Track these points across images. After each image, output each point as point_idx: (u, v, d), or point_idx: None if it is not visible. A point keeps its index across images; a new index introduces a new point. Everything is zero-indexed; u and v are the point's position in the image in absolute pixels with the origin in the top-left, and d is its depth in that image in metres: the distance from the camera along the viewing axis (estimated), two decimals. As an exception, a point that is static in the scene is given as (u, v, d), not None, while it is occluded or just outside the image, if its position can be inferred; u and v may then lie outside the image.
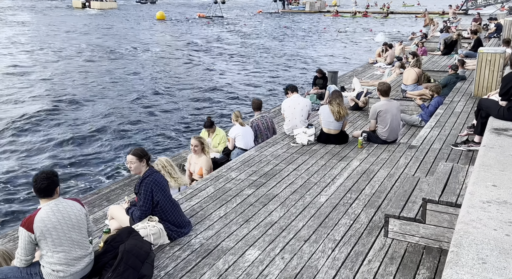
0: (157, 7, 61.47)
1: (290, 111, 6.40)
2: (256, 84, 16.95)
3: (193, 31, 34.50)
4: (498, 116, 4.97)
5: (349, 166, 5.32)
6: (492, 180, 3.36)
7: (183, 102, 14.07)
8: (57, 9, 53.21)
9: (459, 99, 8.53)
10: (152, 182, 3.26)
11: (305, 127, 6.22)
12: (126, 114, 12.57)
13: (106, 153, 9.63)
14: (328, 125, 6.06)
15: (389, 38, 28.91)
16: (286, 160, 5.45)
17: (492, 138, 4.35)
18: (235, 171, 4.99)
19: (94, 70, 18.98)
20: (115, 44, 26.73)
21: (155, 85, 16.36)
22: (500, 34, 17.02)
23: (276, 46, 27.09)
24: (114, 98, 14.46)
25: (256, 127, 6.69)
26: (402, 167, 5.29)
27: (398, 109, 6.13)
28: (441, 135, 6.44)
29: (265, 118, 6.82)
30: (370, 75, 15.21)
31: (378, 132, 6.12)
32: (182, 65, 20.50)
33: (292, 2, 59.34)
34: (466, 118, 7.16)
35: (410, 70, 10.55)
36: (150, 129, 11.28)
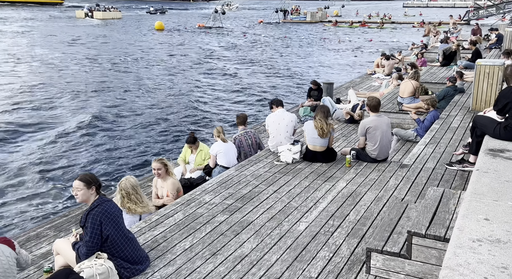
0: (166, 17, 61.93)
1: (275, 127, 6.06)
2: (250, 96, 16.58)
3: (190, 41, 34.29)
4: (494, 135, 4.61)
5: (335, 188, 4.95)
6: (485, 212, 2.99)
7: (173, 115, 13.57)
8: (58, 19, 53.45)
9: (456, 113, 8.17)
10: (101, 213, 2.91)
11: (290, 144, 5.87)
12: (103, 128, 11.92)
13: (67, 172, 8.75)
14: (313, 142, 5.70)
15: (388, 48, 28.70)
16: (267, 181, 5.09)
17: (486, 161, 3.98)
18: (210, 194, 4.63)
19: (76, 80, 18.51)
20: (104, 54, 26.38)
21: (143, 97, 15.88)
22: (501, 45, 16.71)
23: (274, 57, 26.88)
24: (91, 109, 14.01)
25: (239, 144, 6.35)
26: (392, 189, 4.92)
27: (389, 125, 5.78)
28: (435, 153, 6.07)
29: (249, 134, 6.48)
30: (367, 87, 14.91)
31: (367, 150, 5.76)
32: (174, 76, 20.00)
33: (293, 12, 59.44)
34: (463, 135, 6.79)
35: (407, 83, 10.22)
36: (129, 146, 10.52)
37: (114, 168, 8.88)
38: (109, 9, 58.64)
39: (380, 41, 34.19)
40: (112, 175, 8.56)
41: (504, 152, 4.22)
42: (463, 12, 47.99)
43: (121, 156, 9.62)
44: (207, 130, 11.97)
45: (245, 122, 6.48)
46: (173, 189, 4.67)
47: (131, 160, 9.41)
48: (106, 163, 9.18)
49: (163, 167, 4.66)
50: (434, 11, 78.53)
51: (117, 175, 8.42)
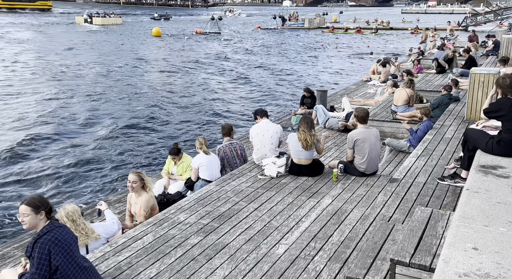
0: (166, 23, 61.89)
1: (259, 138, 5.81)
2: (242, 103, 16.32)
3: (186, 48, 34.06)
4: (486, 150, 4.35)
5: (319, 204, 4.68)
6: (473, 240, 2.73)
7: (165, 125, 13.20)
8: (57, 25, 53.40)
9: (450, 123, 7.92)
10: (50, 240, 2.64)
11: (275, 156, 5.62)
12: (90, 138, 11.61)
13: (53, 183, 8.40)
14: (298, 155, 5.45)
15: (384, 54, 28.53)
16: (248, 197, 4.82)
17: (477, 179, 3.72)
18: (186, 212, 4.36)
19: (65, 87, 18.22)
20: (95, 60, 26.10)
21: (133, 105, 15.52)
22: (498, 51, 16.53)
23: (270, 63, 26.68)
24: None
25: (223, 155, 6.10)
26: (379, 206, 4.65)
27: (377, 137, 5.53)
28: (427, 166, 5.81)
29: (234, 145, 6.23)
30: (363, 94, 14.69)
31: (355, 163, 5.50)
32: (166, 84, 19.62)
33: (291, 18, 59.50)
34: (456, 146, 6.54)
35: (402, 91, 10.00)
36: (116, 156, 10.13)
37: (96, 182, 8.58)
38: (109, 15, 58.89)
39: (377, 47, 34.09)
40: (93, 188, 8.28)
41: (496, 168, 3.96)
42: (461, 18, 48.04)
43: (106, 168, 9.31)
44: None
45: (231, 133, 6.23)
46: (147, 206, 4.40)
47: (114, 172, 9.12)
48: (87, 178, 8.90)
49: (139, 180, 4.39)
50: (432, 17, 78.70)
51: (100, 189, 8.12)
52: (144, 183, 4.39)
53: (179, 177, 6.49)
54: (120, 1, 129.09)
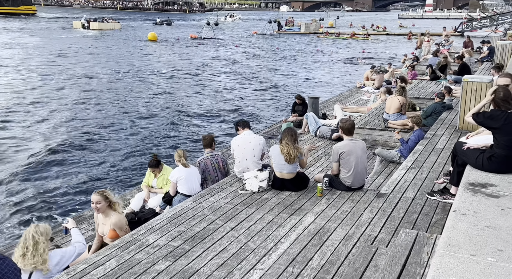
0: (170, 28, 61.91)
1: (240, 151, 5.54)
2: (233, 111, 15.89)
3: (180, 53, 33.73)
4: (476, 166, 4.11)
5: (301, 223, 4.41)
6: (459, 273, 2.46)
7: (143, 133, 12.63)
8: (54, 30, 53.16)
9: (442, 132, 7.69)
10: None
11: (257, 170, 5.35)
12: (75, 148, 11.21)
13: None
14: (281, 168, 5.18)
15: (377, 60, 28.38)
16: (226, 215, 4.54)
17: (465, 199, 3.47)
18: (156, 233, 4.07)
19: (53, 93, 17.97)
20: (84, 66, 25.77)
21: (121, 113, 15.10)
22: (492, 57, 16.38)
23: (262, 69, 26.40)
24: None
25: (204, 168, 5.83)
26: (365, 224, 4.39)
27: (364, 150, 5.27)
28: (417, 179, 5.56)
29: (216, 158, 5.96)
30: (356, 100, 14.48)
31: (341, 177, 5.24)
32: (156, 90, 19.15)
33: (287, 23, 59.49)
34: (448, 158, 6.28)
35: (394, 98, 9.78)
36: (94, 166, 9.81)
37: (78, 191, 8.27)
38: (107, 20, 58.95)
39: (372, 53, 33.99)
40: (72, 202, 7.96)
41: (486, 187, 3.71)
42: (458, 23, 48.13)
43: (81, 181, 8.89)
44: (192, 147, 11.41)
45: (212, 144, 5.97)
46: (120, 225, 4.11)
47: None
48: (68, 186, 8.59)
49: (103, 200, 4.09)
50: (429, 23, 78.96)
51: (76, 203, 7.77)
52: (110, 201, 4.11)
53: (160, 190, 6.23)
54: (117, 6, 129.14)
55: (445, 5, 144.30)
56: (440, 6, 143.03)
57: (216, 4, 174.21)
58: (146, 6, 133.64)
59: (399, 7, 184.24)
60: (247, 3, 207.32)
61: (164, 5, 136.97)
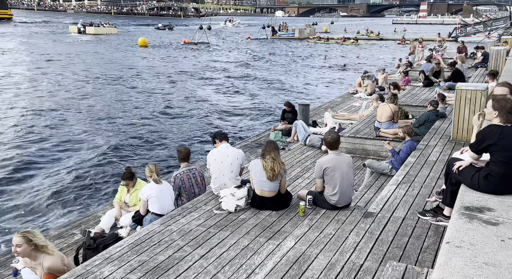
0: (172, 33, 61.61)
1: (217, 166, 5.11)
2: (224, 118, 15.39)
3: (170, 58, 33.14)
4: (471, 186, 3.70)
5: (280, 249, 3.98)
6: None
7: (121, 145, 11.77)
8: (49, 35, 52.63)
9: (435, 143, 7.30)
10: None
11: (234, 187, 4.92)
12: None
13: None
14: (261, 185, 4.75)
15: (368, 66, 28.12)
16: (196, 240, 4.10)
17: (460, 227, 3.05)
18: (114, 263, 3.61)
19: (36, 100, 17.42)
20: (70, 72, 25.21)
21: (108, 120, 14.53)
22: (487, 63, 16.11)
23: (254, 75, 25.89)
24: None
25: (180, 183, 5.39)
26: (350, 249, 3.97)
27: (350, 165, 4.86)
28: (408, 196, 5.15)
29: (193, 172, 5.52)
30: (348, 107, 14.12)
31: (325, 195, 4.82)
32: (143, 97, 18.44)
33: (281, 28, 59.37)
34: (441, 172, 5.89)
35: (385, 106, 9.42)
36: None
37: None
38: (103, 24, 58.96)
39: (366, 58, 33.80)
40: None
41: (483, 211, 3.30)
42: (452, 29, 48.20)
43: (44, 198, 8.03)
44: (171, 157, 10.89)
45: (188, 157, 5.53)
46: (51, 270, 3.53)
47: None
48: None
49: (25, 243, 3.47)
50: (423, 28, 79.28)
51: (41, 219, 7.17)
52: (35, 244, 3.50)
53: (132, 208, 5.78)
54: (112, 11, 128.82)
55: (439, 10, 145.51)
56: (434, 11, 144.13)
57: (211, 9, 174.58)
58: (141, 11, 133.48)
59: (393, 13, 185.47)
60: (243, 8, 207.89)
61: (159, 10, 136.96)
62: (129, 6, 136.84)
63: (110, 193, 7.90)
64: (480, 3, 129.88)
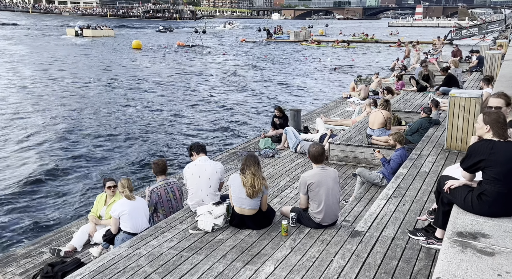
0: (173, 35, 61.14)
1: (194, 181, 4.77)
2: (208, 124, 14.72)
3: (163, 62, 32.64)
4: (465, 207, 3.39)
5: (257, 275, 3.64)
6: None
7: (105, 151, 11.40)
8: (45, 37, 52.14)
9: (428, 152, 7.00)
10: None
11: (212, 204, 4.58)
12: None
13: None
14: (240, 203, 4.42)
15: (359, 69, 27.89)
16: (166, 265, 3.75)
17: (452, 258, 2.74)
18: (71, 295, 3.28)
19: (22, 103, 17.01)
20: (64, 74, 24.88)
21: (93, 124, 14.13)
22: (482, 67, 15.87)
23: (248, 78, 25.56)
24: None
25: (156, 199, 5.05)
26: (334, 275, 3.64)
27: (336, 180, 4.54)
28: (398, 212, 4.84)
29: (171, 186, 5.19)
30: (341, 112, 13.84)
31: (310, 212, 4.49)
32: (130, 102, 17.97)
33: (276, 31, 59.19)
34: (433, 184, 5.59)
35: (377, 113, 9.12)
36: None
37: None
38: (101, 27, 59.48)
39: (360, 61, 33.59)
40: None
41: (477, 238, 2.99)
42: (447, 31, 48.20)
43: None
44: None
45: (165, 170, 5.19)
46: None
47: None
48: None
49: None
50: (419, 31, 79.44)
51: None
52: None
53: (107, 221, 5.42)
54: (107, 13, 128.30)
55: (434, 13, 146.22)
56: (429, 14, 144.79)
57: (207, 12, 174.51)
58: (136, 13, 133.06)
59: (389, 15, 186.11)
60: (239, 11, 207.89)
61: (154, 13, 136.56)
62: (125, 8, 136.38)
63: (87, 204, 7.48)
64: (475, 6, 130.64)
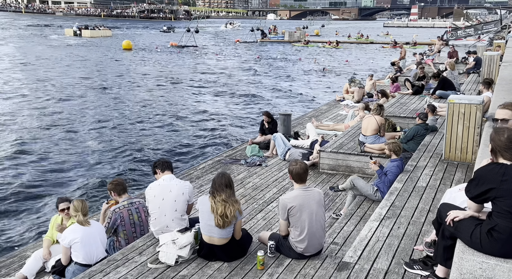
0: (175, 35, 60.42)
1: (157, 203, 4.13)
2: (192, 129, 13.83)
3: (154, 62, 31.81)
4: (472, 244, 2.78)
5: (223, 323, 3.04)
6: None
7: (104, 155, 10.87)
8: (43, 38, 51.30)
9: (425, 163, 6.42)
10: None
11: (179, 230, 3.96)
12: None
13: None
14: (210, 231, 3.79)
15: (355, 70, 27.32)
16: (114, 311, 3.14)
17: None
18: None
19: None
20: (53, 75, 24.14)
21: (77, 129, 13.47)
22: (479, 69, 15.36)
23: (238, 81, 24.68)
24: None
25: (118, 220, 4.41)
26: (314, 323, 3.04)
27: (321, 203, 3.94)
28: (392, 237, 4.24)
29: (136, 206, 4.55)
30: (334, 116, 13.26)
31: (291, 240, 3.89)
32: (113, 105, 17.13)
33: (271, 31, 58.63)
34: (432, 202, 5.01)
35: (370, 118, 8.54)
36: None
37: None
38: (99, 27, 60.45)
39: (354, 62, 33.06)
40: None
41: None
42: (442, 32, 47.84)
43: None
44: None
45: (126, 189, 4.56)
46: None
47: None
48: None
49: None
50: (414, 31, 79.03)
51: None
52: None
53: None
54: (101, 14, 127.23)
55: (429, 14, 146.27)
56: (425, 15, 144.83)
57: (203, 12, 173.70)
58: (131, 14, 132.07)
59: (384, 16, 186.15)
60: (234, 11, 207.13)
61: (149, 13, 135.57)
62: (120, 8, 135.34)
63: (45, 224, 6.70)
64: (470, 7, 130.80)
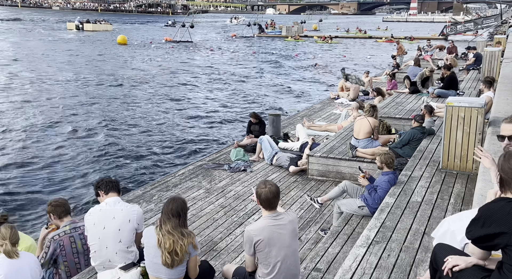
0: (174, 29, 60.11)
1: (97, 233, 3.45)
2: (173, 130, 13.01)
3: (142, 57, 30.77)
4: (476, 304, 2.14)
5: None
6: None
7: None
8: (44, 31, 50.64)
9: (421, 173, 5.76)
10: None
11: (122, 267, 3.30)
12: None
13: None
14: (156, 270, 3.11)
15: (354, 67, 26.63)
16: None
17: None
18: None
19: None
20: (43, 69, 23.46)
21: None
22: (479, 66, 14.66)
23: (229, 77, 23.86)
24: None
25: (58, 248, 3.75)
26: None
27: (295, 232, 3.27)
28: (381, 268, 3.57)
29: (81, 231, 3.89)
30: (327, 115, 12.61)
31: (258, 278, 3.23)
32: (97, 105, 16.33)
33: (268, 26, 57.79)
34: (428, 220, 4.36)
35: (363, 120, 7.90)
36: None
37: None
38: (100, 21, 61.29)
39: (350, 59, 32.33)
40: None
41: None
42: (442, 27, 47.12)
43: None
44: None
45: (69, 210, 3.89)
46: None
47: None
48: None
49: None
50: (413, 26, 78.25)
51: None
52: None
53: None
54: (98, 8, 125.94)
55: (429, 8, 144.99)
56: (424, 9, 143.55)
57: (201, 7, 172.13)
58: (128, 8, 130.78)
59: (384, 10, 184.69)
60: (233, 5, 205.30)
61: (147, 7, 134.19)
62: (117, 3, 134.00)
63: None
64: (470, 1, 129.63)
